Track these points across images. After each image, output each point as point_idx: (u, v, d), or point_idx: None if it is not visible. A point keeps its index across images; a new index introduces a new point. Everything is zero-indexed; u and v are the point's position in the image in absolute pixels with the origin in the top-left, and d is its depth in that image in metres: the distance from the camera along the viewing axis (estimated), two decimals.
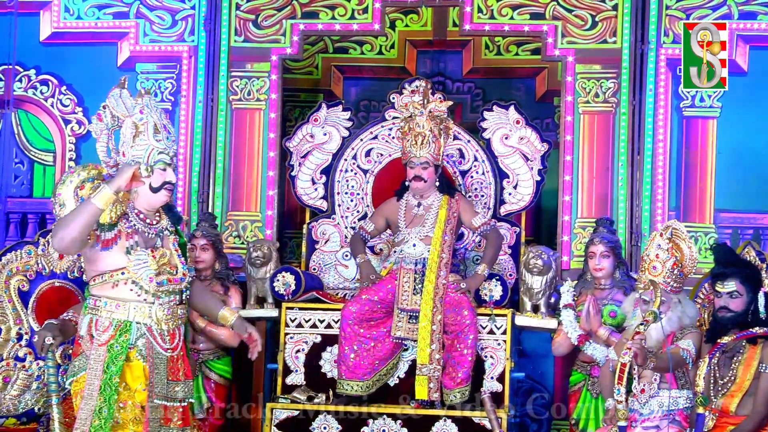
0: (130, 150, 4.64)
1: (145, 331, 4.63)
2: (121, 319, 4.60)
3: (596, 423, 6.08)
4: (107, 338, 4.57)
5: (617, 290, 6.28)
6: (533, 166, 6.86)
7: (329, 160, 6.99)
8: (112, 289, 4.61)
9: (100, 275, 4.61)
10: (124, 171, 4.55)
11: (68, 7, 7.55)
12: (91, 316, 4.60)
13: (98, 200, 4.47)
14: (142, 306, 4.63)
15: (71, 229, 4.44)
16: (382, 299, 6.23)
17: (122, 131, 4.69)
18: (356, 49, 8.51)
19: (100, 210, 4.49)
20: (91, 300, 4.62)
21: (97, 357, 4.56)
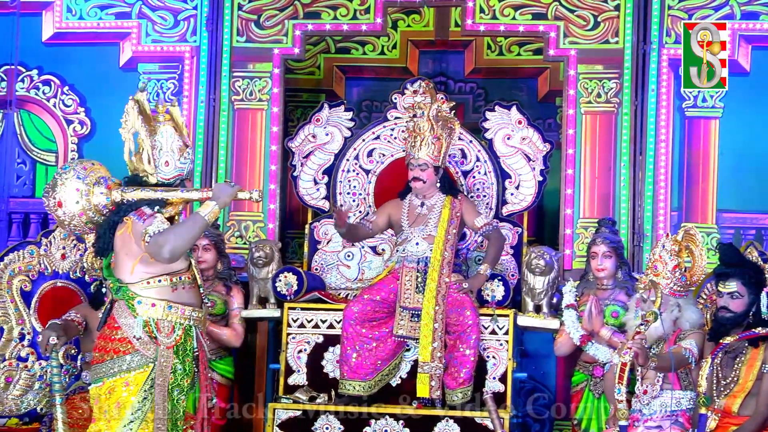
0: (178, 162, 4.77)
1: (198, 335, 4.78)
2: (183, 324, 4.69)
3: (598, 423, 6.08)
4: (174, 341, 4.66)
5: (619, 290, 6.28)
6: (535, 167, 6.86)
7: (331, 161, 6.99)
8: (172, 293, 4.69)
9: (158, 277, 4.67)
10: (228, 191, 4.73)
11: (70, 8, 7.55)
12: (147, 318, 4.65)
13: (209, 216, 4.66)
14: (197, 311, 4.76)
15: (185, 241, 4.61)
16: (385, 299, 6.23)
17: (161, 140, 4.77)
18: (358, 50, 8.51)
19: (208, 225, 4.72)
20: (144, 301, 4.66)
21: (166, 359, 4.64)
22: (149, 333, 4.66)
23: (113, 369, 4.66)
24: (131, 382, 4.63)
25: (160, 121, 4.81)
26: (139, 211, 4.73)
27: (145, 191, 4.75)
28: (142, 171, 4.79)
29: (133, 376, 4.63)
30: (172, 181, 4.81)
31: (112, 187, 4.78)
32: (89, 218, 4.80)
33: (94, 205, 4.76)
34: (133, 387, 4.62)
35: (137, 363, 4.64)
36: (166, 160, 4.77)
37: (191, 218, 4.69)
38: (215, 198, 4.72)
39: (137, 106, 4.79)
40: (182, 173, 4.82)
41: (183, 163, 4.82)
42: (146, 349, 4.65)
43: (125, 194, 4.76)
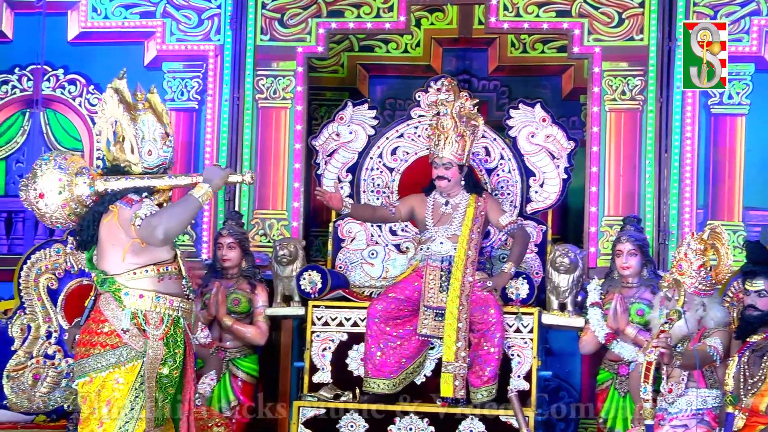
0: (161, 150, 4.68)
1: (185, 326, 4.68)
2: (172, 315, 4.60)
3: (624, 422, 6.06)
4: (163, 333, 4.57)
5: (644, 288, 6.26)
6: (560, 164, 6.84)
7: (355, 159, 6.99)
8: (158, 283, 4.60)
9: (144, 268, 4.58)
10: (220, 174, 4.65)
11: (96, 7, 7.59)
12: (135, 310, 4.55)
13: (203, 198, 4.56)
14: (185, 302, 4.67)
15: (179, 222, 4.51)
16: (409, 297, 6.23)
17: (143, 129, 4.68)
18: (382, 48, 8.51)
19: (201, 207, 4.61)
20: (132, 293, 4.55)
21: (156, 350, 4.55)
22: (137, 325, 4.56)
23: (100, 363, 4.54)
24: (122, 379, 4.53)
25: (140, 109, 4.71)
26: (126, 198, 4.61)
27: (130, 179, 4.63)
28: (124, 161, 4.68)
29: (123, 372, 4.53)
30: (156, 170, 4.70)
31: (95, 177, 4.66)
32: (72, 210, 4.67)
33: (76, 195, 4.64)
34: (123, 386, 4.52)
35: (126, 357, 4.53)
36: (148, 149, 4.67)
37: (184, 199, 4.58)
38: (207, 181, 4.62)
39: (117, 95, 4.70)
40: (165, 162, 4.72)
41: (166, 152, 4.72)
42: (135, 342, 4.54)
43: (108, 183, 4.63)
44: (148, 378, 4.53)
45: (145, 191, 4.65)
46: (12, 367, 6.29)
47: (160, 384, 4.57)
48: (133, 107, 4.71)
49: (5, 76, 7.70)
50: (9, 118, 7.73)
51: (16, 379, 6.31)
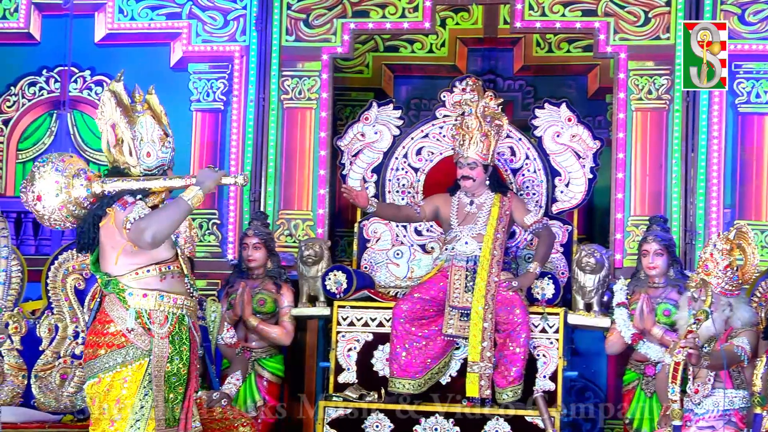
0: (159, 152, 4.69)
1: (190, 324, 4.69)
2: (176, 313, 4.62)
3: (650, 422, 6.03)
4: (168, 331, 4.58)
5: (671, 289, 6.23)
6: (585, 164, 6.81)
7: (380, 159, 7.00)
8: (161, 282, 4.61)
9: (146, 267, 4.59)
10: (212, 176, 4.63)
11: (122, 9, 7.63)
12: (139, 309, 4.57)
13: (193, 201, 4.56)
14: (189, 300, 4.68)
15: (168, 226, 4.51)
16: (434, 297, 6.23)
17: (141, 131, 4.67)
18: (407, 48, 8.51)
19: (191, 210, 4.59)
20: (136, 293, 4.57)
21: (161, 348, 4.56)
22: (142, 324, 4.57)
23: (108, 363, 4.55)
24: (129, 378, 4.54)
25: (139, 111, 4.71)
26: (122, 200, 4.61)
27: (126, 181, 4.62)
28: (123, 163, 4.67)
29: (131, 370, 4.54)
30: (155, 171, 4.69)
31: (92, 179, 4.64)
32: (70, 212, 4.67)
33: (74, 197, 4.63)
34: (131, 384, 4.53)
35: (132, 356, 4.54)
36: (147, 150, 4.66)
37: (174, 203, 4.57)
38: (199, 183, 4.61)
39: (114, 97, 4.69)
40: (164, 163, 4.71)
41: (164, 153, 4.70)
42: (141, 341, 4.55)
43: (105, 185, 4.62)
44: (156, 376, 4.54)
45: (140, 193, 4.64)
46: (40, 367, 6.33)
47: (169, 382, 4.58)
48: (131, 109, 4.71)
49: (33, 78, 7.76)
50: (36, 119, 7.79)
51: (43, 379, 6.35)
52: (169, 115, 7.15)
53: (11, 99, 7.76)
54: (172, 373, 4.58)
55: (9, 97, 7.77)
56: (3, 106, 7.77)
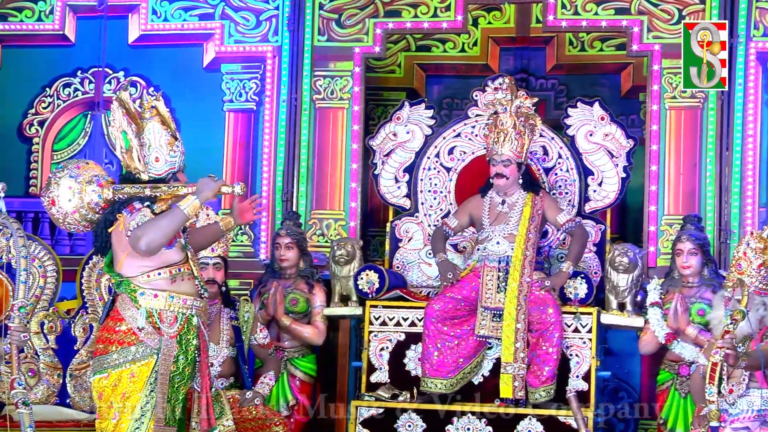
0: (167, 156, 4.76)
1: (199, 324, 4.77)
2: (185, 313, 4.71)
3: (685, 423, 5.99)
4: (176, 331, 4.69)
5: (705, 288, 6.18)
6: (618, 163, 6.78)
7: (412, 159, 6.99)
8: (171, 284, 4.71)
9: (156, 270, 4.70)
10: (210, 186, 4.69)
11: (156, 10, 7.68)
12: (150, 308, 4.68)
13: (189, 210, 4.63)
14: (198, 301, 4.76)
15: (163, 235, 4.60)
16: (466, 297, 6.22)
17: (149, 137, 4.78)
18: (439, 47, 8.50)
19: (188, 218, 4.67)
20: (147, 293, 4.69)
21: (169, 348, 4.67)
22: (152, 323, 4.68)
23: (119, 360, 4.67)
24: (136, 374, 4.65)
25: (147, 117, 4.80)
26: (130, 206, 4.74)
27: (135, 188, 4.75)
28: (134, 168, 4.79)
29: (138, 367, 4.65)
30: (164, 176, 4.81)
31: (104, 185, 4.80)
32: (83, 216, 4.84)
33: (86, 203, 4.81)
34: (138, 380, 4.65)
35: (141, 354, 4.66)
36: (155, 156, 4.77)
37: (171, 211, 4.68)
38: (197, 192, 4.70)
39: (122, 106, 4.78)
40: (174, 167, 4.80)
41: (173, 157, 4.80)
42: (150, 340, 4.67)
43: (117, 192, 4.77)
44: (162, 374, 4.64)
45: (148, 199, 4.77)
46: (75, 366, 6.38)
47: (172, 382, 4.68)
48: (139, 116, 4.80)
49: (68, 79, 7.82)
50: (71, 120, 7.86)
51: (78, 378, 6.39)
52: (202, 116, 7.23)
53: (46, 100, 7.84)
54: (177, 373, 4.67)
55: (44, 99, 7.84)
56: (38, 107, 7.85)
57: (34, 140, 7.83)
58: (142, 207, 4.72)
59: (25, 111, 7.85)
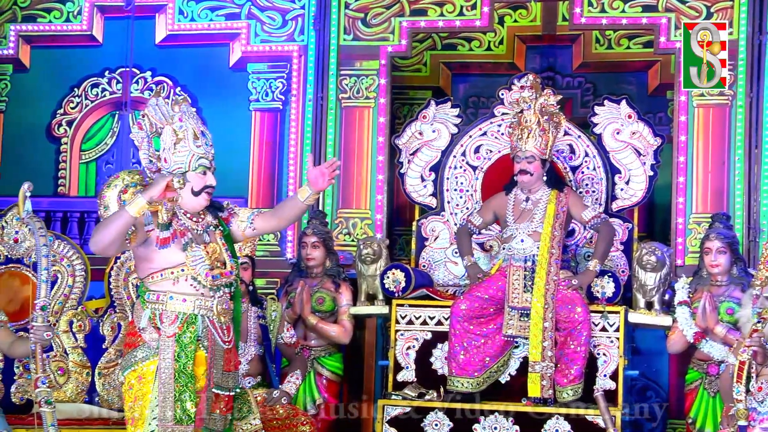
0: (172, 156, 4.75)
1: (208, 323, 4.75)
2: (186, 312, 4.71)
3: (714, 422, 5.95)
4: (175, 330, 4.69)
5: (734, 287, 6.14)
6: (646, 161, 6.74)
7: (438, 157, 6.98)
8: (174, 285, 4.72)
9: (159, 272, 4.72)
10: (158, 182, 4.65)
11: (182, 10, 7.71)
12: (152, 309, 4.71)
13: (131, 209, 4.58)
14: (205, 300, 4.74)
15: (105, 234, 4.59)
16: (492, 296, 6.20)
17: (162, 138, 4.78)
18: (465, 46, 8.49)
19: (133, 218, 4.59)
20: (151, 295, 4.72)
21: (166, 348, 4.67)
22: (154, 324, 4.70)
23: (128, 362, 4.71)
24: (143, 376, 4.67)
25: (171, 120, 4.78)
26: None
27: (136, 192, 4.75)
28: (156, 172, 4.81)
29: (144, 369, 4.67)
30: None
31: (126, 192, 4.84)
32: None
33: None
34: (145, 383, 4.66)
35: (142, 356, 4.68)
36: (164, 156, 4.76)
37: (117, 212, 4.69)
38: (144, 190, 4.65)
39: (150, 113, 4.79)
40: (180, 167, 4.73)
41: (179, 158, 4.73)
42: (151, 340, 4.69)
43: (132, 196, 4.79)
44: (162, 374, 4.64)
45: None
46: (103, 364, 6.41)
47: (178, 381, 4.66)
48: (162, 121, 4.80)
49: (96, 79, 7.88)
50: (99, 120, 7.91)
51: (107, 377, 6.43)
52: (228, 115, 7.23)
53: (75, 100, 7.89)
54: (180, 371, 4.66)
55: (72, 99, 7.90)
56: (67, 107, 7.90)
57: (63, 140, 7.88)
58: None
59: (54, 111, 7.91)
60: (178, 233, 4.73)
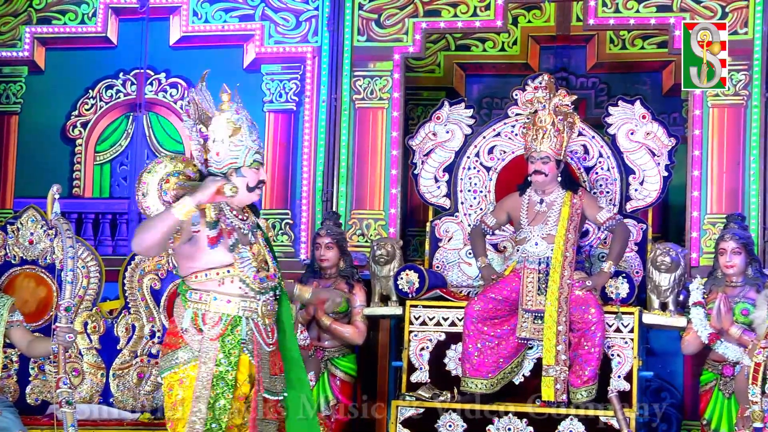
0: (227, 149, 4.63)
1: (252, 326, 4.67)
2: (231, 314, 4.60)
3: (729, 424, 5.93)
4: (219, 332, 4.56)
5: (749, 288, 6.12)
6: (660, 162, 6.73)
7: (452, 158, 6.98)
8: (219, 286, 4.59)
9: (203, 272, 4.59)
10: (208, 186, 4.48)
11: (196, 11, 7.73)
12: (195, 310, 4.57)
13: (179, 212, 4.41)
14: (250, 302, 4.65)
15: (150, 235, 4.43)
16: (506, 298, 6.19)
17: (212, 129, 4.66)
18: (478, 47, 8.48)
19: (179, 221, 4.43)
20: (194, 294, 4.59)
21: (208, 351, 4.55)
22: (196, 325, 4.56)
23: (168, 363, 4.58)
24: (184, 379, 4.53)
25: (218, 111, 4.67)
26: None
27: (191, 184, 4.60)
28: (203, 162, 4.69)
29: (185, 372, 4.53)
30: (224, 170, 4.62)
31: (168, 181, 4.66)
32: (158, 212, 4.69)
33: (157, 198, 4.67)
34: (186, 386, 4.52)
35: (184, 358, 4.54)
36: (216, 150, 4.62)
37: (163, 213, 4.49)
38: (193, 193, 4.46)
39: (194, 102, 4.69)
40: (235, 162, 4.62)
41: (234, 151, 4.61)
42: (193, 342, 4.55)
43: (179, 188, 4.62)
44: (201, 378, 4.51)
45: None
46: (117, 365, 6.44)
47: (215, 387, 4.53)
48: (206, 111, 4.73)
49: (110, 81, 7.90)
50: (114, 121, 7.93)
51: (121, 378, 6.46)
52: None
53: (89, 102, 7.91)
54: (219, 377, 4.54)
55: (87, 100, 7.92)
56: (81, 109, 7.93)
57: (77, 142, 7.91)
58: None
59: (68, 113, 7.93)
60: (225, 233, 4.61)
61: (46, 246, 6.55)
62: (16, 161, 7.89)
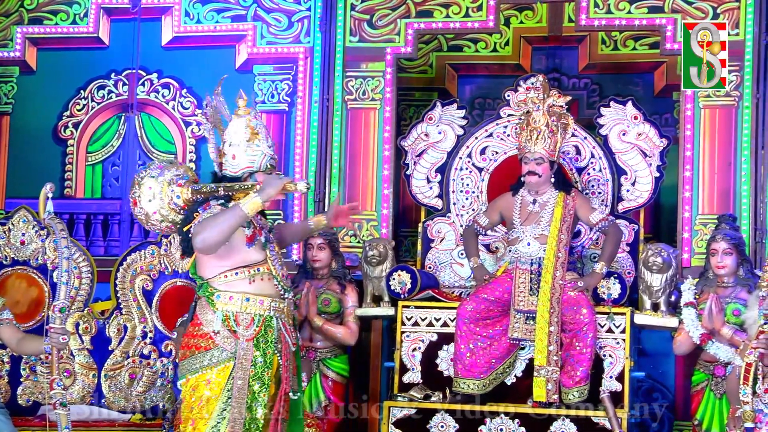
0: (244, 154, 4.70)
1: (281, 326, 4.68)
2: (263, 315, 4.63)
3: (720, 424, 5.95)
4: (254, 333, 4.60)
5: (741, 288, 6.13)
6: (652, 162, 6.74)
7: (444, 159, 6.99)
8: (250, 285, 4.63)
9: (234, 270, 4.63)
10: (274, 183, 4.58)
11: (188, 12, 7.72)
12: (225, 311, 4.61)
13: (248, 208, 4.52)
14: (279, 301, 4.67)
15: (219, 232, 4.49)
16: (498, 298, 6.20)
17: (229, 132, 4.72)
18: (471, 47, 8.49)
19: (247, 217, 4.55)
20: (222, 296, 4.62)
21: (245, 352, 4.58)
22: (228, 327, 4.60)
23: (195, 365, 4.61)
24: (212, 380, 4.57)
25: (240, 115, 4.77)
26: (206, 204, 4.70)
27: (211, 187, 4.70)
28: (218, 165, 4.78)
29: (215, 373, 4.57)
30: (240, 174, 4.74)
31: (183, 185, 4.76)
32: (164, 217, 4.83)
33: (167, 203, 4.78)
34: (215, 386, 4.57)
35: (218, 359, 4.58)
36: (233, 153, 4.72)
37: (230, 209, 4.57)
38: (260, 190, 4.59)
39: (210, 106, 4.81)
40: (252, 165, 4.74)
41: (251, 155, 4.73)
42: (226, 344, 4.58)
43: (195, 192, 4.73)
44: (239, 379, 4.55)
45: (223, 198, 4.71)
46: (109, 366, 6.43)
47: (251, 387, 4.58)
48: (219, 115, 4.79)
49: (102, 81, 7.88)
50: (105, 122, 7.92)
51: (113, 378, 6.45)
52: None
53: (81, 102, 7.90)
54: (255, 377, 4.58)
55: (79, 101, 7.90)
56: (73, 110, 7.91)
57: (69, 142, 7.89)
58: (216, 205, 4.67)
59: (60, 113, 7.92)
60: (257, 231, 4.67)
61: (38, 246, 6.54)
62: (8, 162, 7.87)
